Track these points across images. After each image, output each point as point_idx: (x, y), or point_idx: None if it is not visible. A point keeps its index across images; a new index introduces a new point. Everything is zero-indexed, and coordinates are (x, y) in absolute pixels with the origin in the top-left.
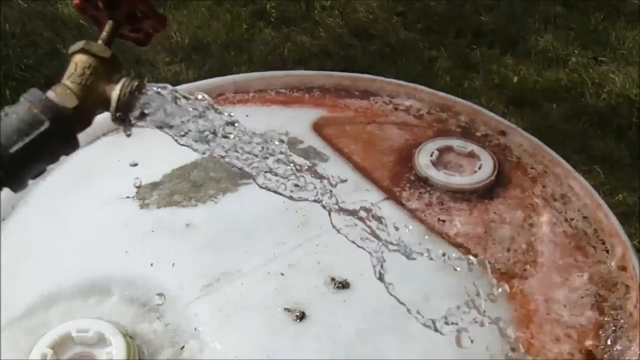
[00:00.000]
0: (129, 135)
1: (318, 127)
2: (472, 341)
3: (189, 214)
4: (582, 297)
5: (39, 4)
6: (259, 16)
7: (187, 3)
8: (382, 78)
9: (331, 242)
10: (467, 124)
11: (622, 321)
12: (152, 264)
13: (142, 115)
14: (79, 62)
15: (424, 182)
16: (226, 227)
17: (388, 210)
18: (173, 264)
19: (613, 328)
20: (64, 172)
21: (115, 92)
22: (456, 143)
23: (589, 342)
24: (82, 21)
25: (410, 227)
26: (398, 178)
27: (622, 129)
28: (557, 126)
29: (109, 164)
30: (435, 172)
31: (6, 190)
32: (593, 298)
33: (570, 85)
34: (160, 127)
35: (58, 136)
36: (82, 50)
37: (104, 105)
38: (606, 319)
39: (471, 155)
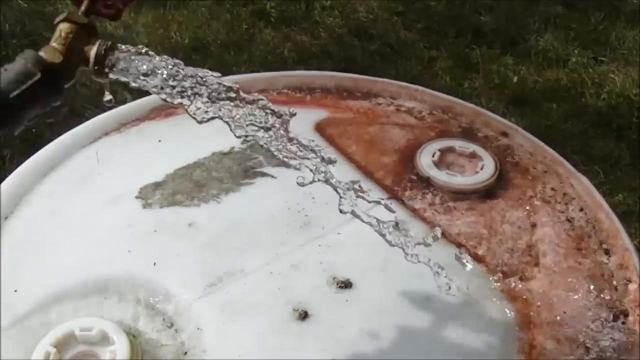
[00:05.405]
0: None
1: (320, 128)
2: None
3: (191, 214)
4: (583, 297)
5: (39, 4)
6: (259, 16)
7: (187, 3)
8: (384, 79)
9: (334, 242)
10: (468, 125)
11: (622, 321)
12: (154, 264)
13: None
14: (62, 28)
15: (426, 183)
16: (229, 226)
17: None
18: (175, 264)
19: (614, 328)
20: (67, 171)
21: (93, 50)
22: (458, 144)
23: (589, 342)
24: None
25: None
26: (400, 178)
27: (622, 129)
28: (557, 126)
29: (112, 164)
30: (437, 173)
31: (7, 190)
32: (594, 298)
33: (570, 85)
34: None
35: (47, 85)
36: (65, 19)
37: (85, 62)
38: (607, 318)
39: (473, 155)
